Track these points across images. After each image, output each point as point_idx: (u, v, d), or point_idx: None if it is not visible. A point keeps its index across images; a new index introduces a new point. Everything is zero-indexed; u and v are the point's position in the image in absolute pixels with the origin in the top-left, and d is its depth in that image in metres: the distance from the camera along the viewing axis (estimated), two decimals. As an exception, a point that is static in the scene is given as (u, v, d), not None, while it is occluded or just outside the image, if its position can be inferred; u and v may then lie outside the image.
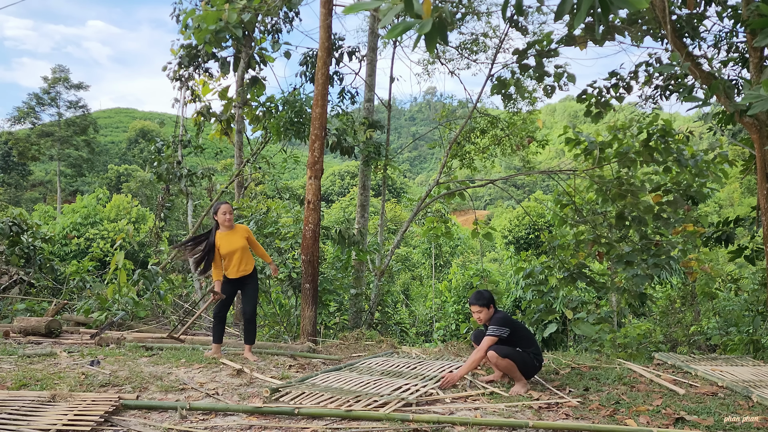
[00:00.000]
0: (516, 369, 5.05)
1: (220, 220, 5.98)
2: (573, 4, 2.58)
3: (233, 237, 6.01)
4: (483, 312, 5.18)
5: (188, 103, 14.66)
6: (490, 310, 5.20)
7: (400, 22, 2.62)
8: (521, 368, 5.06)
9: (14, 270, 11.09)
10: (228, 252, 5.96)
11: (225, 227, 6.02)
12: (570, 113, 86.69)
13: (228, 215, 5.98)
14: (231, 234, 6.03)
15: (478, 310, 5.18)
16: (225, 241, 5.98)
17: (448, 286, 18.67)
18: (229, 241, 5.98)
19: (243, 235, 6.07)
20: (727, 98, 6.61)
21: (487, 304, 5.19)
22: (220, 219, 5.98)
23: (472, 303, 5.22)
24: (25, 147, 44.27)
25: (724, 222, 9.76)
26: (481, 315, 5.19)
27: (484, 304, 5.17)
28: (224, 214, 5.98)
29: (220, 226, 6.02)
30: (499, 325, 5.11)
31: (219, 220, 5.99)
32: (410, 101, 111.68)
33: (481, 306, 5.16)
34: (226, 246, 5.96)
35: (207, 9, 9.20)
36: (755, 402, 4.76)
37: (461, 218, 51.47)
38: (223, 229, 6.02)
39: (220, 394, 4.83)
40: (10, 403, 4.13)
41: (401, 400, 4.47)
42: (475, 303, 5.18)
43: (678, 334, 12.70)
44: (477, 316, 5.21)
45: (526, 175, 17.16)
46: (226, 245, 5.96)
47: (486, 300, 5.20)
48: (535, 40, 9.05)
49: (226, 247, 5.96)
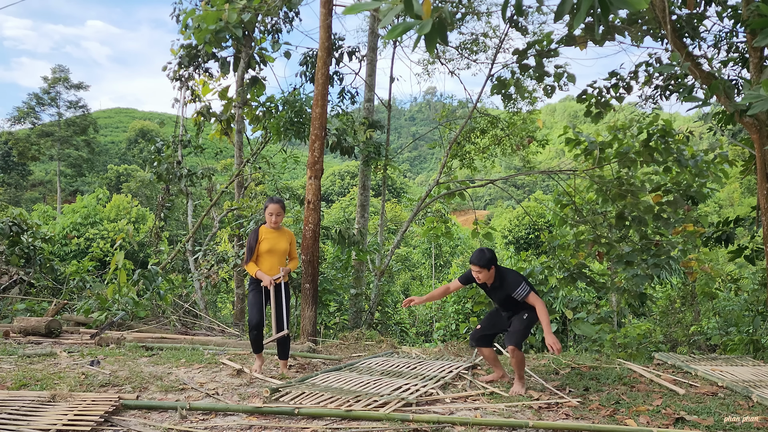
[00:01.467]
0: (523, 365, 4.99)
1: (266, 219, 5.57)
2: (573, 4, 2.58)
3: (279, 237, 5.58)
4: (483, 273, 4.91)
5: (188, 103, 14.67)
6: (491, 271, 4.93)
7: (400, 22, 2.62)
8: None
9: (14, 270, 11.09)
10: (268, 250, 5.51)
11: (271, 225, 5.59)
12: (570, 113, 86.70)
13: (274, 216, 5.51)
14: (277, 233, 5.60)
15: (478, 270, 4.89)
16: (270, 236, 5.55)
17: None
18: (274, 239, 5.54)
19: (288, 238, 5.66)
20: (727, 98, 6.61)
21: (488, 265, 4.89)
22: (266, 217, 5.56)
23: (473, 263, 4.90)
24: (25, 147, 44.28)
25: (724, 222, 9.75)
26: (480, 275, 4.93)
27: (485, 265, 4.88)
28: (270, 215, 5.52)
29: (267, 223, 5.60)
30: (525, 283, 4.90)
31: (266, 218, 5.58)
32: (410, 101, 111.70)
33: (482, 267, 4.87)
34: (268, 242, 5.52)
35: (207, 9, 9.21)
36: (755, 402, 4.77)
37: (461, 218, 51.48)
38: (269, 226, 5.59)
39: (220, 394, 4.83)
40: (10, 403, 4.13)
41: (401, 400, 4.47)
42: (477, 263, 4.87)
43: (678, 334, 12.70)
44: (477, 275, 4.94)
45: (526, 175, 17.17)
46: (269, 242, 5.52)
47: (487, 261, 4.89)
48: (535, 40, 9.05)
49: (268, 244, 5.51)
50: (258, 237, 5.52)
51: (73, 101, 48.14)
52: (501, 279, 4.98)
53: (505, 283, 4.97)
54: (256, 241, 5.51)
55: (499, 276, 4.99)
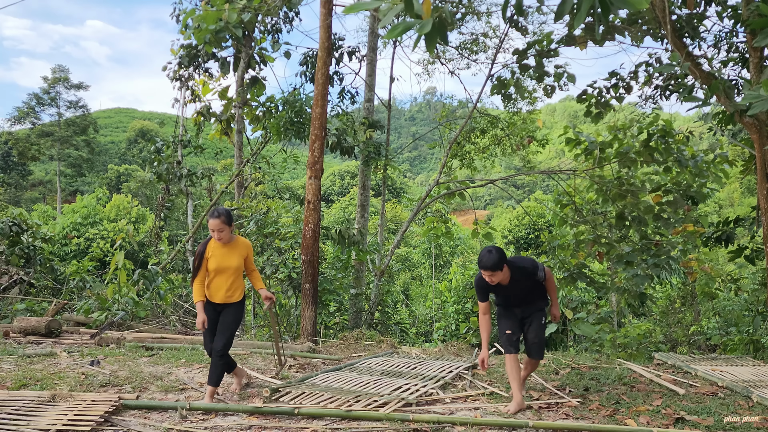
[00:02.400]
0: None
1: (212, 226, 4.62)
2: (573, 4, 2.58)
3: (229, 253, 4.69)
4: (497, 275, 4.39)
5: (188, 103, 14.68)
6: (504, 270, 4.42)
7: (400, 22, 2.62)
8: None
9: (14, 270, 11.09)
10: (216, 268, 4.65)
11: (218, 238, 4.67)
12: (570, 113, 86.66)
13: (216, 233, 4.60)
14: (227, 248, 4.70)
15: (491, 274, 4.39)
16: (217, 254, 4.67)
17: (448, 286, 18.65)
18: (222, 255, 4.67)
19: (242, 252, 4.76)
20: (727, 98, 6.61)
21: (500, 266, 4.35)
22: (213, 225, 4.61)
23: (485, 268, 4.36)
24: (25, 147, 44.27)
25: (724, 222, 9.75)
26: (494, 278, 4.41)
27: (497, 266, 4.34)
28: (212, 231, 4.62)
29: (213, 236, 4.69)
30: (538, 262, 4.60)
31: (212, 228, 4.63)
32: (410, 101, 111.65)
33: (495, 270, 4.35)
34: (216, 261, 4.65)
35: (207, 9, 9.20)
36: (755, 402, 4.77)
37: (461, 218, 51.45)
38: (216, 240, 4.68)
39: (220, 394, 4.83)
40: (10, 403, 4.13)
41: (401, 400, 4.46)
42: (489, 268, 4.34)
43: (678, 334, 12.70)
44: (490, 279, 4.42)
45: (526, 175, 17.17)
46: (217, 260, 4.65)
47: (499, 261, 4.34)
48: (535, 40, 9.05)
49: (215, 262, 4.65)
50: (205, 253, 4.67)
51: (73, 101, 48.15)
52: (517, 269, 4.53)
53: (525, 271, 4.54)
54: (202, 258, 4.66)
55: (514, 268, 4.53)
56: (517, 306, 4.78)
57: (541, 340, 4.70)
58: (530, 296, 4.73)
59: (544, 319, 4.76)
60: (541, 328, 4.71)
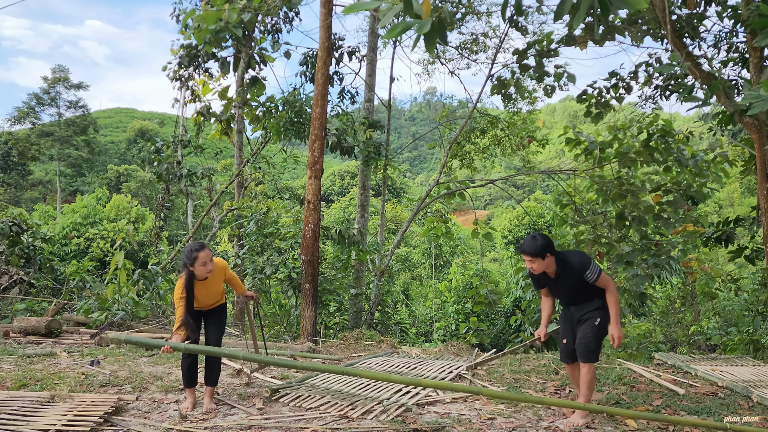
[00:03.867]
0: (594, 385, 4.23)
1: (199, 273, 4.31)
2: (573, 4, 2.58)
3: (211, 286, 4.50)
4: (537, 262, 4.10)
5: (188, 103, 14.69)
6: (547, 260, 4.11)
7: (400, 22, 2.62)
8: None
9: (14, 270, 11.09)
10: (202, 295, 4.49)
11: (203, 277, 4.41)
12: (570, 113, 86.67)
13: (209, 265, 4.33)
14: (208, 282, 4.47)
15: (530, 260, 4.10)
16: (201, 291, 4.46)
17: (448, 286, 18.67)
18: (206, 291, 4.49)
19: (221, 277, 4.56)
20: (727, 98, 6.61)
21: (541, 253, 4.07)
22: (199, 272, 4.30)
23: (523, 251, 4.12)
24: (25, 147, 44.27)
25: (724, 222, 9.76)
26: (534, 265, 4.12)
27: (538, 253, 4.07)
28: (204, 265, 4.30)
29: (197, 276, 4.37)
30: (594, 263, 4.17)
31: (199, 274, 4.32)
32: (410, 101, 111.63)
33: (534, 256, 4.07)
34: (201, 300, 4.49)
35: (207, 9, 9.21)
36: (755, 402, 4.77)
37: (461, 218, 51.45)
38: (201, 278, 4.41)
39: (220, 394, 4.83)
40: (10, 403, 4.13)
41: (401, 406, 4.45)
42: (528, 252, 4.08)
43: (678, 334, 12.70)
44: (530, 266, 4.15)
45: (526, 175, 17.17)
46: (202, 298, 4.49)
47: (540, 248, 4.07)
48: (535, 40, 9.05)
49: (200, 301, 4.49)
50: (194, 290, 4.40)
51: (72, 101, 48.15)
52: (563, 264, 4.20)
53: (570, 267, 4.17)
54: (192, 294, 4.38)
55: (561, 261, 4.20)
56: (571, 304, 4.41)
57: (587, 342, 4.18)
58: (581, 296, 4.30)
59: (598, 321, 4.22)
60: (590, 329, 4.21)
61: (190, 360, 4.47)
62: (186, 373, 4.46)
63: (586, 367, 4.16)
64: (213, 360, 4.55)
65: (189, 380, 4.46)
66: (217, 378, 4.59)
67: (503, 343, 15.07)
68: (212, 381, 4.55)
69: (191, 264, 4.26)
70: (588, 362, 4.15)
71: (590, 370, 4.15)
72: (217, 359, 4.58)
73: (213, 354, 4.46)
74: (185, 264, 4.30)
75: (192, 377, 4.47)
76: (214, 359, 4.56)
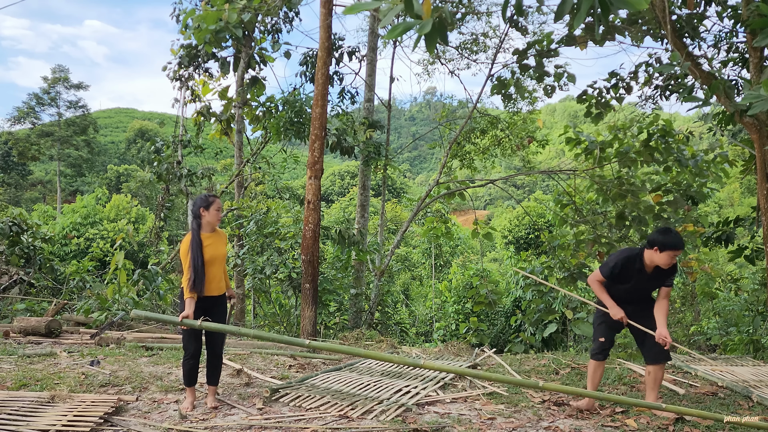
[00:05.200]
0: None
1: (212, 219, 4.38)
2: (573, 4, 2.58)
3: (218, 240, 4.49)
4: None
5: (188, 103, 14.67)
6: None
7: (400, 22, 2.62)
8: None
9: (14, 270, 11.09)
10: (210, 259, 4.40)
11: (210, 228, 4.43)
12: (570, 113, 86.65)
13: (219, 215, 4.45)
14: (214, 237, 4.46)
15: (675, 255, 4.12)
16: (208, 243, 4.41)
17: (448, 286, 18.66)
18: (213, 244, 4.44)
19: (224, 241, 4.57)
20: (727, 98, 6.61)
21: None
22: (212, 218, 4.38)
23: (679, 247, 4.07)
24: (25, 147, 44.27)
25: (724, 222, 9.76)
26: (674, 260, 4.15)
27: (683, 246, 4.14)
28: (219, 210, 4.40)
29: (204, 226, 4.41)
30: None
31: (211, 219, 4.38)
32: (410, 101, 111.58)
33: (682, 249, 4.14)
34: (210, 250, 4.41)
35: (207, 9, 9.21)
36: (755, 402, 4.77)
37: (461, 218, 51.44)
38: (207, 230, 4.42)
39: (220, 393, 4.83)
40: (10, 404, 4.13)
41: (401, 406, 4.45)
42: (682, 247, 4.09)
43: (678, 334, 12.69)
44: (672, 261, 4.12)
45: (526, 175, 17.16)
46: (210, 249, 4.41)
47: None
48: (535, 40, 9.05)
49: (210, 252, 4.40)
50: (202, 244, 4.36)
51: (72, 101, 48.14)
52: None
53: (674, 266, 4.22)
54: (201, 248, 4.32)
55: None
56: (634, 302, 4.36)
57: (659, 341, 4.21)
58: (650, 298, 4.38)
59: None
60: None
61: (192, 362, 4.43)
62: (187, 374, 4.43)
63: (660, 367, 4.34)
64: (215, 360, 4.58)
65: (189, 380, 4.45)
66: (218, 377, 4.61)
67: (503, 343, 15.07)
68: (214, 380, 4.57)
69: (206, 207, 4.32)
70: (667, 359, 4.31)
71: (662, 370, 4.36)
72: (220, 360, 4.61)
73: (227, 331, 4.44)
74: (199, 208, 4.33)
75: (193, 377, 4.46)
76: (217, 359, 4.58)
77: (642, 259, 4.23)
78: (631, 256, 4.27)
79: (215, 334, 4.52)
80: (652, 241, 4.13)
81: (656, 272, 4.24)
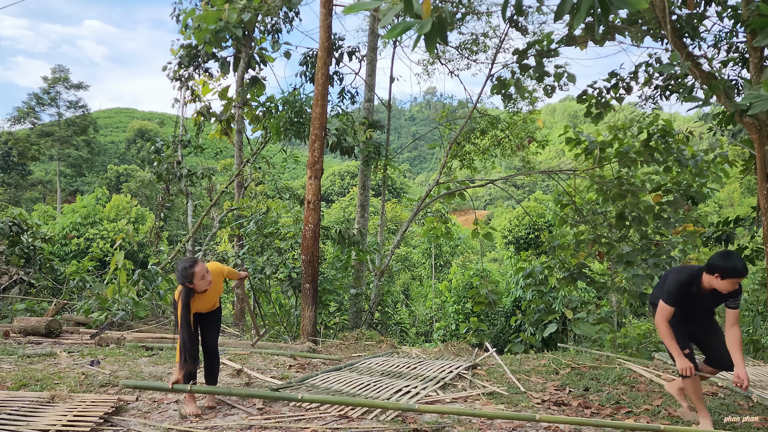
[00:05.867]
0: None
1: (199, 287, 4.22)
2: (573, 4, 2.58)
3: (210, 293, 4.42)
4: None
5: (188, 103, 14.70)
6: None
7: (400, 22, 2.62)
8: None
9: (14, 270, 11.09)
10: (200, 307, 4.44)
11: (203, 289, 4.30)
12: (570, 113, 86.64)
13: (207, 276, 4.23)
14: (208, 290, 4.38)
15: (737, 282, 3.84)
16: (199, 302, 4.39)
17: (448, 286, 18.67)
18: (207, 298, 4.43)
19: (220, 281, 4.50)
20: (727, 98, 6.61)
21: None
22: (199, 286, 4.21)
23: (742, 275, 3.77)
24: (25, 147, 44.26)
25: (724, 222, 9.76)
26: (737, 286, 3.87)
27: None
28: (203, 279, 4.19)
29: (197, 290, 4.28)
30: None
31: (200, 287, 4.22)
32: (410, 101, 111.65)
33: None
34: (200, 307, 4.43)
35: (207, 9, 9.21)
36: (755, 402, 4.77)
37: (461, 218, 51.44)
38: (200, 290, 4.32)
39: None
40: (10, 404, 4.12)
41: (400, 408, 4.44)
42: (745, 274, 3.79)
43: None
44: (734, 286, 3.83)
45: (526, 175, 17.17)
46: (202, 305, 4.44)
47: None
48: (535, 40, 9.05)
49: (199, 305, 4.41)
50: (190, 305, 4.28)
51: (72, 101, 48.12)
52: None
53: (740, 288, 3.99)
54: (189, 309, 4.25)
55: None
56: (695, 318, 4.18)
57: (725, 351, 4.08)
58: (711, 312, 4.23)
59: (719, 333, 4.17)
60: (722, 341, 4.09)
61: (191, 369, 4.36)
62: (184, 380, 4.37)
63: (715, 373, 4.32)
64: (212, 358, 4.61)
65: (186, 382, 4.39)
66: (217, 376, 4.64)
67: (503, 343, 15.08)
68: (213, 380, 4.61)
69: (189, 282, 4.15)
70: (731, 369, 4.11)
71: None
72: (216, 357, 4.64)
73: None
74: (184, 284, 4.19)
75: (189, 380, 4.43)
76: (213, 357, 4.61)
77: (699, 283, 3.94)
78: (684, 281, 3.98)
79: (209, 331, 4.56)
80: (714, 266, 3.78)
81: (716, 292, 3.92)
